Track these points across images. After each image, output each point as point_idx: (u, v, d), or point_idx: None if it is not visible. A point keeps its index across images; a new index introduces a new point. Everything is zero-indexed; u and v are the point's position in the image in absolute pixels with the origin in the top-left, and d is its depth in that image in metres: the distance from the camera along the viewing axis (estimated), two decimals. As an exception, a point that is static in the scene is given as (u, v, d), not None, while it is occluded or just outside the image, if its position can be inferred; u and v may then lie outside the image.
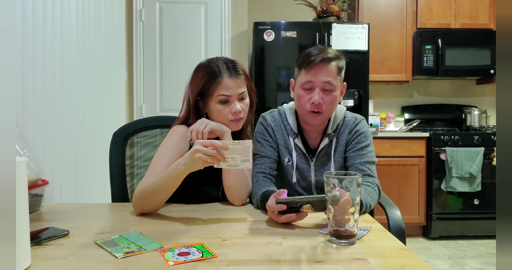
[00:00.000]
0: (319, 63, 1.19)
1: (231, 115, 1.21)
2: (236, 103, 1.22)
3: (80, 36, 1.96)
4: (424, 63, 3.33)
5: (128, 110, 3.10)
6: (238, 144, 1.00)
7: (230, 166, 1.02)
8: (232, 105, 1.21)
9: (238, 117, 1.22)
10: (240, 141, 1.01)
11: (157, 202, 1.10)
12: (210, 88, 1.21)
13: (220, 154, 0.99)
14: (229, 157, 1.01)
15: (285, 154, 1.31)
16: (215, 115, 1.23)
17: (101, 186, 2.15)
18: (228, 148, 1.00)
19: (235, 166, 1.02)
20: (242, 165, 1.01)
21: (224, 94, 1.20)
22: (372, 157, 1.28)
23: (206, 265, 0.74)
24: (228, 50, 3.22)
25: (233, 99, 1.22)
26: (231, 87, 1.21)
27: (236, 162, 1.01)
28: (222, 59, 1.26)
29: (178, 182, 1.07)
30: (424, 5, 3.37)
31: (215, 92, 1.21)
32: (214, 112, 1.23)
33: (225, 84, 1.20)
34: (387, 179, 3.12)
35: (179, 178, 1.06)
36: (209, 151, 0.99)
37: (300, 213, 0.98)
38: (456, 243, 3.05)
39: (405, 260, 0.76)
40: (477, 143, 3.09)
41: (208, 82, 1.22)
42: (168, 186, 1.07)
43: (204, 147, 0.99)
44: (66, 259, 0.76)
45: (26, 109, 1.50)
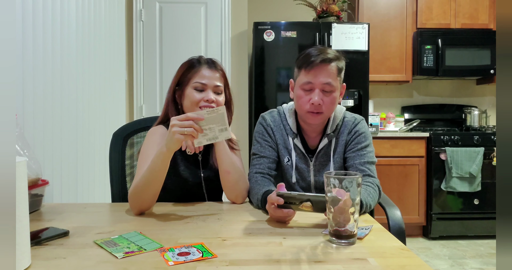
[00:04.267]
0: (319, 64, 1.19)
1: (203, 102, 1.24)
2: (210, 92, 1.25)
3: (80, 36, 1.96)
4: (424, 63, 3.33)
5: (128, 110, 3.10)
6: (212, 112, 1.02)
7: (210, 140, 1.03)
8: (206, 93, 1.25)
9: (208, 105, 1.24)
10: (213, 109, 1.03)
11: (152, 193, 1.11)
12: (188, 75, 1.27)
13: (197, 125, 1.01)
14: (207, 128, 1.02)
15: (284, 154, 1.31)
16: (188, 100, 1.26)
17: (101, 186, 2.15)
18: (203, 118, 1.01)
19: (215, 138, 1.04)
20: (221, 136, 1.03)
21: (200, 82, 1.25)
22: (372, 157, 1.28)
23: (206, 265, 0.74)
24: (228, 50, 3.22)
25: (207, 88, 1.25)
26: (207, 77, 1.26)
27: (215, 134, 1.03)
28: (203, 57, 1.33)
29: (165, 167, 1.08)
30: (424, 5, 3.37)
31: (192, 79, 1.26)
32: (188, 97, 1.26)
33: (202, 73, 1.26)
34: (387, 179, 3.12)
35: (165, 161, 1.07)
36: (185, 123, 1.01)
37: (289, 211, 0.98)
38: (456, 243, 3.05)
39: (405, 260, 0.76)
40: (477, 143, 3.09)
41: (186, 71, 1.28)
42: (157, 173, 1.08)
43: (180, 121, 1.01)
44: (66, 259, 0.76)
45: (26, 109, 1.50)
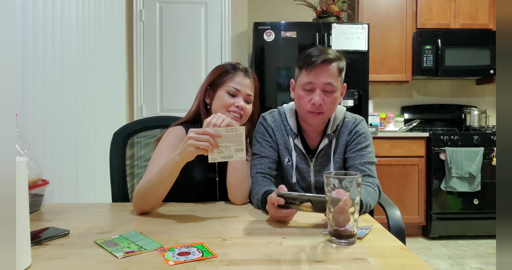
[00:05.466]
0: (320, 64, 1.19)
1: (233, 106, 1.25)
2: (241, 99, 1.27)
3: (80, 36, 1.96)
4: (424, 63, 3.33)
5: (128, 110, 3.10)
6: (231, 131, 1.01)
7: (225, 158, 1.02)
8: (238, 99, 1.26)
9: (238, 111, 1.25)
10: (233, 127, 1.01)
11: (156, 197, 1.10)
12: (223, 78, 1.28)
13: (213, 141, 1.00)
14: (223, 145, 1.01)
15: (285, 154, 1.31)
16: (218, 102, 1.26)
17: (101, 186, 2.15)
18: (221, 135, 1.00)
19: (230, 157, 1.02)
20: (236, 156, 1.02)
21: (234, 86, 1.26)
22: (372, 157, 1.28)
23: (206, 265, 0.74)
24: (228, 50, 3.22)
25: (240, 95, 1.27)
26: (243, 84, 1.27)
27: (230, 153, 1.01)
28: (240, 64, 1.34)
29: (175, 174, 1.07)
30: (424, 5, 3.37)
31: (227, 83, 1.27)
32: (218, 99, 1.27)
33: (239, 79, 1.28)
34: (387, 179, 3.12)
35: (175, 169, 1.06)
36: (201, 138, 0.99)
37: (291, 211, 0.98)
38: (456, 243, 3.05)
39: (405, 260, 0.76)
40: (477, 143, 3.09)
41: (222, 74, 1.29)
42: (165, 179, 1.07)
43: (197, 135, 1.00)
44: (66, 259, 0.76)
45: (26, 109, 1.50)
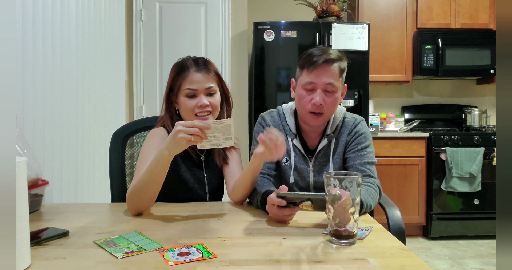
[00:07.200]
0: (321, 64, 1.19)
1: (197, 108, 1.22)
2: (202, 97, 1.22)
3: (80, 36, 1.96)
4: (424, 63, 3.33)
5: (128, 110, 3.10)
6: (220, 122, 1.01)
7: (213, 145, 1.03)
8: (199, 99, 1.22)
9: (204, 110, 1.22)
10: (221, 120, 1.02)
11: (150, 196, 1.10)
12: (178, 82, 1.24)
13: (203, 133, 1.00)
14: (211, 135, 1.02)
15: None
16: (183, 109, 1.25)
17: (101, 186, 2.15)
18: (210, 127, 1.00)
19: (218, 144, 1.03)
20: (225, 144, 1.03)
21: (189, 88, 1.22)
22: (372, 157, 1.28)
23: (206, 265, 0.74)
24: (228, 50, 3.21)
25: (199, 93, 1.23)
26: (197, 81, 1.22)
27: (218, 141, 1.02)
28: (193, 56, 1.29)
29: (165, 170, 1.07)
30: (424, 5, 3.37)
31: (182, 86, 1.23)
32: (182, 106, 1.25)
33: (191, 78, 1.23)
34: (387, 179, 3.12)
35: (165, 164, 1.05)
36: (190, 130, 0.99)
37: (294, 208, 0.98)
38: (456, 243, 3.05)
39: (405, 260, 0.76)
40: (477, 143, 3.09)
41: (176, 76, 1.25)
42: (156, 175, 1.07)
43: (186, 127, 0.99)
44: (66, 259, 0.76)
45: (26, 109, 1.50)
